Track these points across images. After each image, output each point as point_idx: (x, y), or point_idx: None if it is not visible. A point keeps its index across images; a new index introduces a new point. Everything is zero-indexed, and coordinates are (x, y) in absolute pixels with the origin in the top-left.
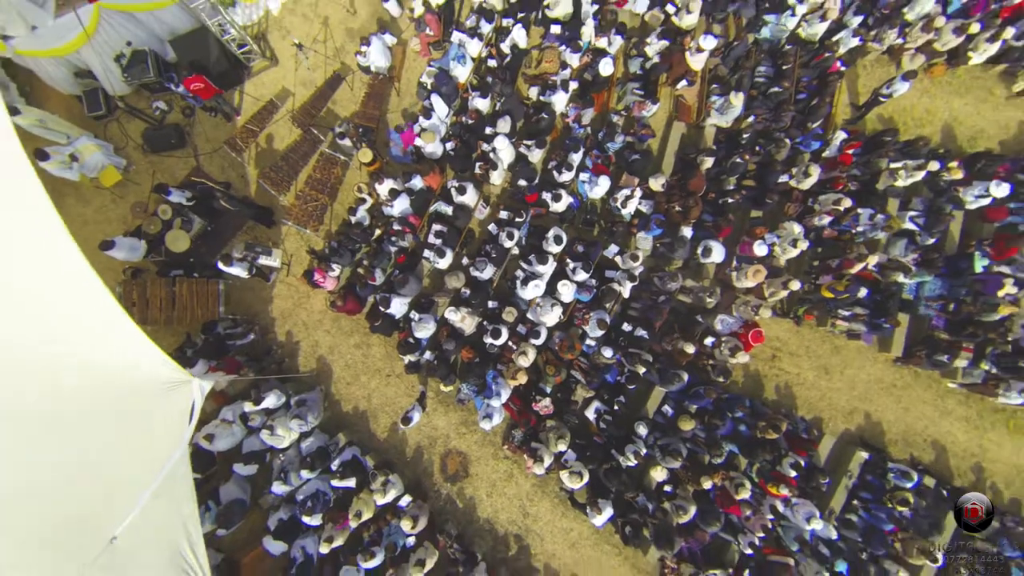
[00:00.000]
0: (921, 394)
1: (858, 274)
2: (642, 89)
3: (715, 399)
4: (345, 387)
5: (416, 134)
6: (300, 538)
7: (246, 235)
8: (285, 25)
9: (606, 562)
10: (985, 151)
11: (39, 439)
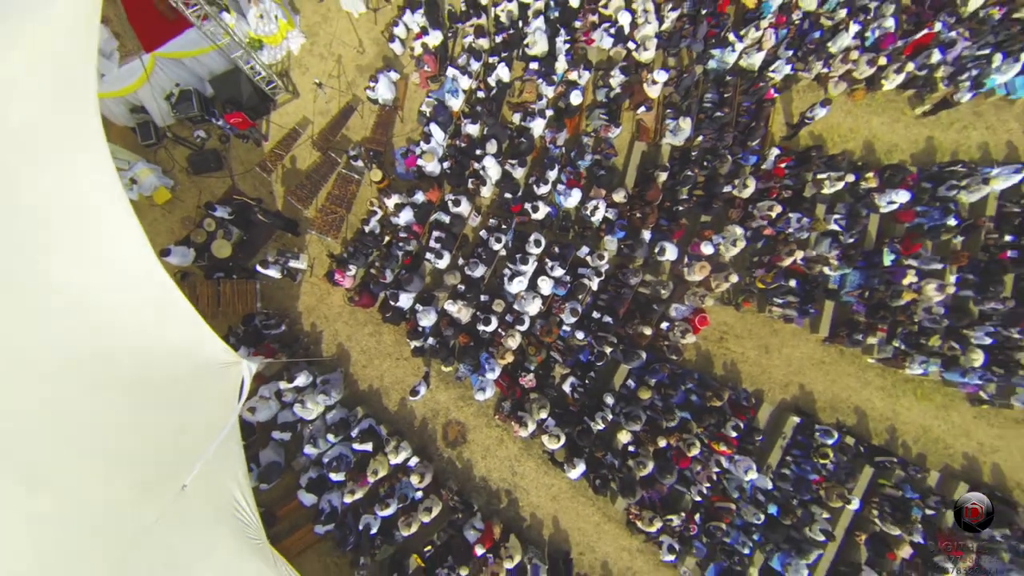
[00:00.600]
0: (845, 368)
1: (789, 268)
2: (607, 114)
3: (669, 373)
4: (361, 368)
5: (417, 157)
6: (327, 493)
7: (275, 243)
8: (304, 63)
9: (581, 511)
10: (898, 163)
11: (127, 407)
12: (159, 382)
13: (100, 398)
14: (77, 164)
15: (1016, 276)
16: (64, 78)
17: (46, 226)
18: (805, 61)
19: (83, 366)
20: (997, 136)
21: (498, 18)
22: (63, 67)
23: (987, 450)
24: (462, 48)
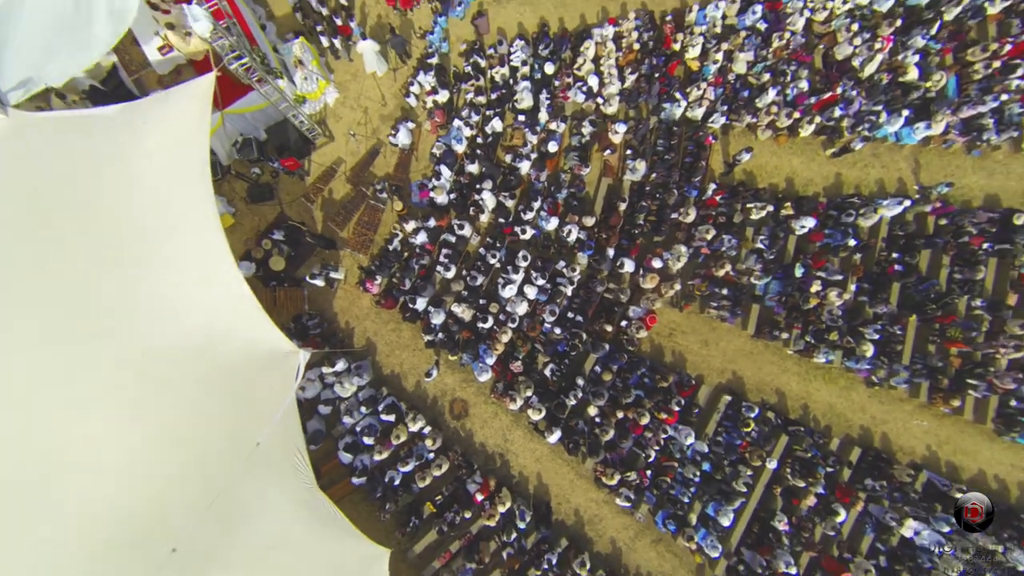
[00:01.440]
0: (768, 358)
1: (723, 278)
2: (579, 156)
3: (627, 361)
4: (385, 357)
5: (430, 190)
6: (360, 454)
7: (316, 257)
8: (338, 113)
9: (558, 469)
10: (813, 195)
11: (220, 382)
12: (239, 365)
13: (201, 376)
14: (192, 204)
15: (901, 286)
16: (184, 143)
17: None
18: (738, 113)
19: (190, 352)
20: (890, 173)
21: (493, 79)
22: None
23: (878, 422)
24: (464, 103)
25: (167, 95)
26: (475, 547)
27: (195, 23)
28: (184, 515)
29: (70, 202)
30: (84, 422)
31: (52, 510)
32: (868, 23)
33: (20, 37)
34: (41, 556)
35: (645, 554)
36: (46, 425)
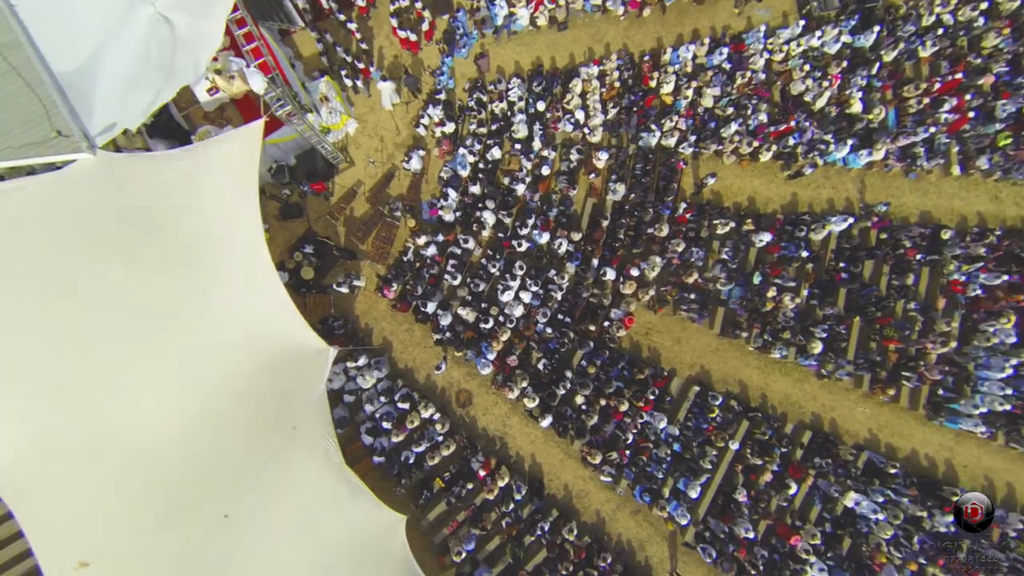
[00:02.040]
0: (734, 354)
1: (692, 285)
2: (568, 179)
3: (609, 356)
4: (400, 353)
5: (439, 209)
6: (379, 437)
7: (340, 267)
8: (358, 141)
9: (550, 450)
10: (771, 212)
11: (263, 375)
12: (278, 360)
13: (247, 369)
14: (243, 228)
15: (847, 291)
16: (237, 177)
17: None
18: (705, 142)
19: (239, 348)
20: (838, 193)
21: (493, 112)
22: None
23: (827, 409)
24: (468, 133)
25: (224, 138)
26: (478, 517)
27: (252, 82)
28: (233, 486)
29: (145, 225)
30: (151, 403)
31: (127, 476)
32: (819, 63)
33: (103, 89)
34: (120, 515)
35: (625, 523)
36: (120, 405)
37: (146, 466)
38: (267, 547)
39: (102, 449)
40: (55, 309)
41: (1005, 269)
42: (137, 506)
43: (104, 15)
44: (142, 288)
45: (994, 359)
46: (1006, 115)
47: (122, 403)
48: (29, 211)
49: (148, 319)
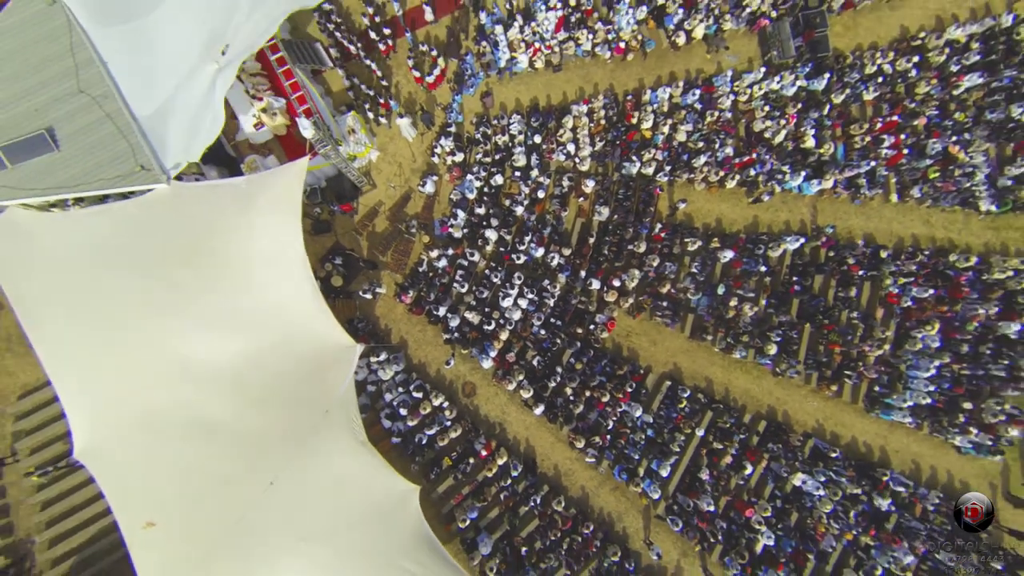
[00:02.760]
0: (702, 354)
1: (666, 294)
2: (560, 202)
3: (593, 354)
4: (415, 350)
5: (449, 227)
6: (397, 421)
7: (363, 276)
8: (379, 167)
9: (543, 435)
10: (734, 232)
11: (301, 367)
12: (314, 354)
13: (289, 362)
14: (289, 245)
15: (799, 302)
16: (284, 202)
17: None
18: (679, 171)
19: (283, 345)
20: (794, 216)
21: (497, 144)
22: (285, 196)
23: (780, 402)
24: (475, 161)
25: (276, 171)
26: (480, 490)
27: (304, 131)
28: (277, 458)
29: (208, 240)
30: (209, 389)
31: (188, 450)
32: (778, 104)
33: (174, 130)
34: (181, 483)
35: (606, 498)
36: (183, 391)
37: (204, 442)
38: (304, 509)
39: (168, 427)
40: (133, 309)
41: (932, 284)
42: (195, 475)
43: (177, 71)
44: (204, 292)
45: (921, 360)
46: (935, 152)
47: (185, 389)
48: (117, 229)
49: (209, 318)
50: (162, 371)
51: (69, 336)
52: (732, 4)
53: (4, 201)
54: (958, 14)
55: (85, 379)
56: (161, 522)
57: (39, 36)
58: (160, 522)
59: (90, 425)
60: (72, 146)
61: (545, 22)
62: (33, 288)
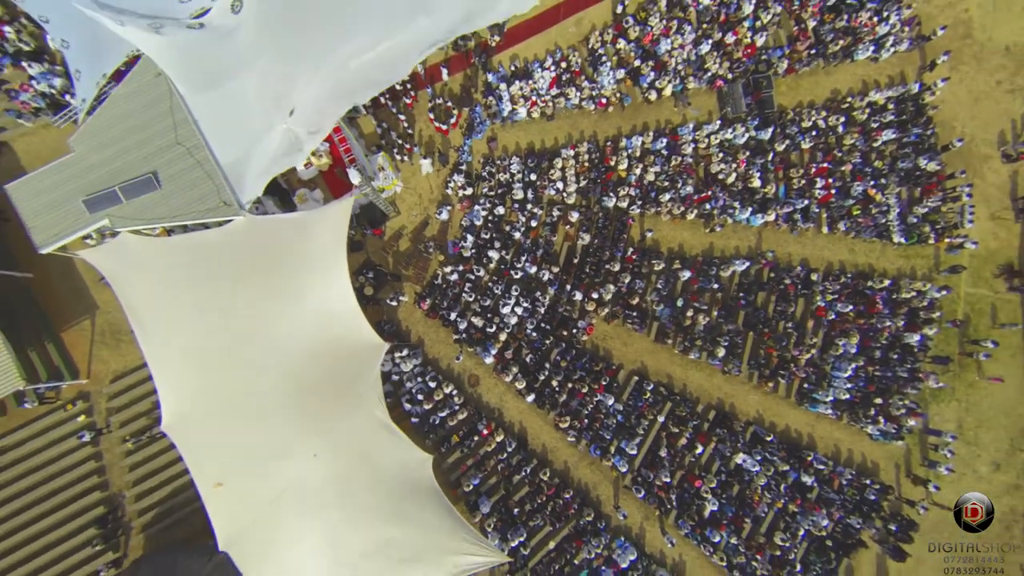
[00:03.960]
0: (663, 355)
1: (636, 305)
2: (551, 228)
3: (575, 353)
4: (430, 347)
5: (459, 247)
6: (415, 405)
7: (389, 286)
8: (403, 197)
9: (533, 419)
10: (693, 256)
11: (340, 362)
12: (351, 350)
13: (331, 356)
14: (335, 266)
15: (744, 313)
16: (332, 232)
17: (318, 287)
18: (648, 205)
19: (325, 343)
20: (742, 243)
21: (499, 180)
22: (334, 227)
23: (727, 396)
24: (481, 194)
25: (326, 209)
26: (481, 462)
27: (353, 178)
28: (319, 435)
29: (273, 261)
30: (268, 377)
31: (249, 425)
32: (730, 151)
33: (250, 173)
34: (243, 453)
35: (584, 471)
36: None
37: (262, 420)
38: (339, 476)
39: (235, 408)
40: (214, 315)
41: (853, 301)
42: (255, 447)
43: (254, 127)
44: (267, 301)
45: (842, 363)
46: (858, 193)
47: (249, 376)
48: (203, 251)
49: (270, 321)
50: (232, 363)
51: (164, 333)
52: (695, 67)
53: (119, 228)
54: (879, 80)
55: (175, 368)
56: (228, 483)
57: (148, 101)
58: (227, 483)
59: (175, 405)
60: (171, 185)
61: (541, 80)
62: (138, 295)
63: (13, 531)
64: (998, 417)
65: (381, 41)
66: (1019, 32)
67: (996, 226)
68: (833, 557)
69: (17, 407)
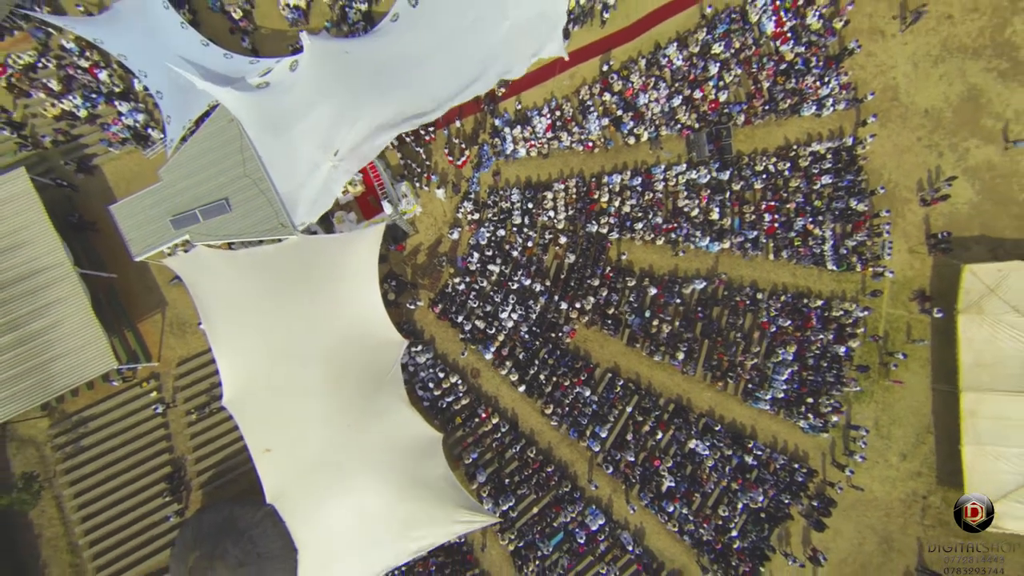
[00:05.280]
0: (633, 357)
1: (611, 314)
2: (543, 249)
3: (559, 353)
4: (440, 344)
5: (467, 262)
6: (427, 391)
7: (408, 293)
8: (421, 220)
9: (524, 406)
10: (661, 275)
11: (366, 357)
12: (377, 346)
13: (362, 352)
14: (367, 278)
15: (701, 324)
16: (366, 250)
17: (354, 296)
18: (624, 232)
19: (357, 339)
20: (702, 265)
21: (501, 207)
22: (368, 247)
23: (685, 392)
24: (486, 219)
25: (362, 232)
26: (480, 440)
27: (386, 210)
28: (353, 410)
29: (318, 272)
30: (311, 366)
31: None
32: (694, 188)
33: (303, 201)
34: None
35: (564, 450)
36: (292, 365)
37: (305, 398)
38: (367, 442)
39: (283, 388)
40: (268, 313)
41: (792, 317)
42: (299, 420)
43: (306, 164)
44: (313, 304)
45: (780, 368)
46: (799, 228)
47: (295, 363)
48: (261, 263)
49: (314, 320)
50: (282, 352)
51: (227, 327)
52: (668, 118)
53: (197, 242)
54: (821, 133)
55: (235, 354)
56: (275, 449)
57: (223, 141)
58: (275, 449)
59: (235, 384)
60: (239, 209)
61: (538, 125)
62: (208, 296)
63: (101, 482)
64: (907, 416)
65: (413, 100)
66: (936, 97)
67: (913, 258)
68: (766, 527)
69: (104, 383)
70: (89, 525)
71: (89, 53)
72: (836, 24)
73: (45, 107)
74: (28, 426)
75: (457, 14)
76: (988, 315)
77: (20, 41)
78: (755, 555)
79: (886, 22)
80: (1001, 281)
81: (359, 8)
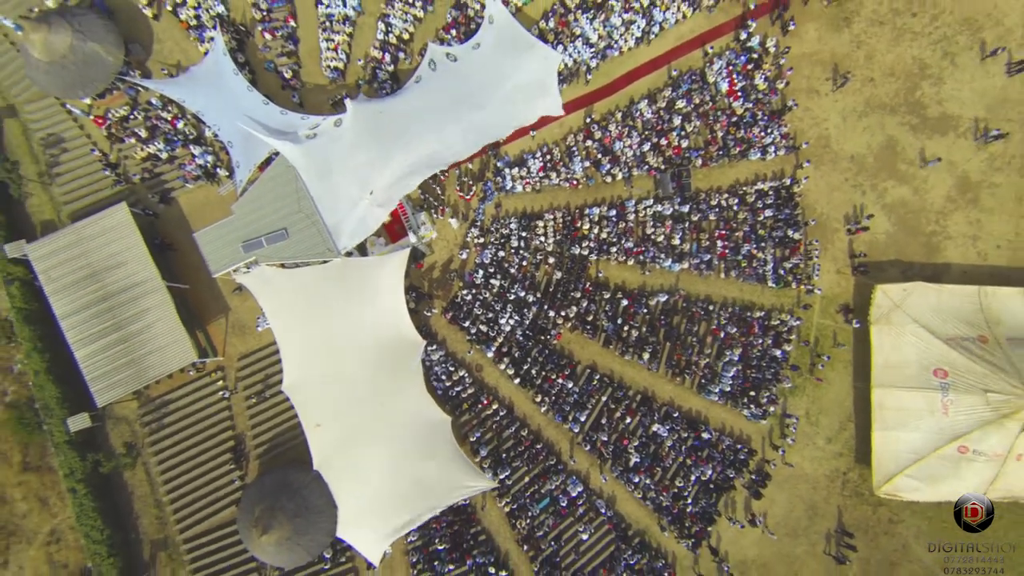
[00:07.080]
0: (608, 356)
1: (590, 321)
2: (535, 267)
3: (548, 352)
4: (450, 344)
5: (473, 277)
6: (439, 382)
7: (425, 302)
8: (437, 242)
9: (520, 396)
10: (631, 289)
11: (395, 353)
12: (401, 346)
13: (392, 351)
14: (394, 293)
15: (663, 330)
16: (393, 269)
17: (385, 310)
18: (602, 254)
19: (387, 340)
20: (667, 282)
21: (502, 232)
22: (396, 268)
23: (650, 385)
24: (489, 242)
25: (393, 254)
26: (482, 422)
27: (411, 238)
28: (384, 392)
29: (356, 287)
30: (353, 359)
31: (339, 385)
32: (660, 219)
33: (346, 230)
34: (334, 402)
35: (551, 431)
36: (338, 357)
37: (347, 384)
38: (394, 422)
39: (331, 377)
40: (320, 318)
41: (738, 325)
42: (343, 401)
43: (346, 202)
44: (352, 311)
45: (728, 367)
46: (744, 253)
47: (339, 358)
48: (312, 280)
49: (354, 324)
50: (328, 349)
51: (289, 328)
52: (639, 161)
53: (262, 262)
54: (765, 174)
55: (292, 350)
56: (324, 424)
57: (283, 183)
58: (324, 424)
59: (292, 373)
60: (295, 237)
61: (532, 166)
62: (271, 304)
63: (177, 453)
64: (832, 407)
65: (433, 150)
66: (861, 146)
67: (839, 278)
68: (714, 496)
69: (180, 373)
70: (170, 486)
71: (170, 107)
72: (779, 85)
73: (135, 151)
74: (122, 406)
75: (467, 78)
76: (895, 326)
77: (116, 98)
78: (705, 518)
79: (820, 83)
80: (905, 298)
81: (387, 70)
